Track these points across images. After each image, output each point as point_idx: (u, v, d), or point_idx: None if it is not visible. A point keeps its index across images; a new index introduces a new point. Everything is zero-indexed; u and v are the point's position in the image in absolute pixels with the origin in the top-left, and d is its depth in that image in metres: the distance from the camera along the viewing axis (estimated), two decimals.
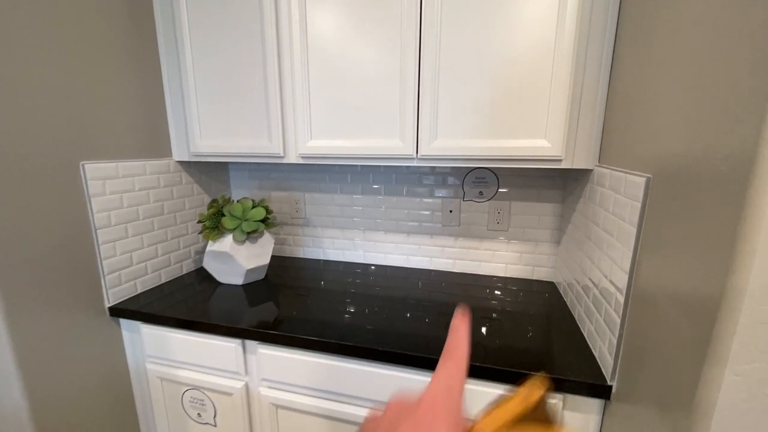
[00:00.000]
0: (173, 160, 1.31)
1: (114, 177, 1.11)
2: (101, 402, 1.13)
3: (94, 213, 1.06)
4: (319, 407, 0.99)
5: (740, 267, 0.44)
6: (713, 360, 0.47)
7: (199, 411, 1.14)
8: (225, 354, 1.05)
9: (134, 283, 1.20)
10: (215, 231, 1.23)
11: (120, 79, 1.12)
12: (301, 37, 1.08)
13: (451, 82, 1.00)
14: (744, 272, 0.44)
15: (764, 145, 0.41)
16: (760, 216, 0.42)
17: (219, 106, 1.20)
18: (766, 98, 0.41)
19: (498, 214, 1.32)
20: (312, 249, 1.57)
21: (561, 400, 0.81)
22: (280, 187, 1.55)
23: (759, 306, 0.44)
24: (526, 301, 1.15)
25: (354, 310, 1.09)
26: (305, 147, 1.15)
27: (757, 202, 0.42)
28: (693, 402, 0.50)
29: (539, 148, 0.97)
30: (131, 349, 1.18)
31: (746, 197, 0.43)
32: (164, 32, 1.21)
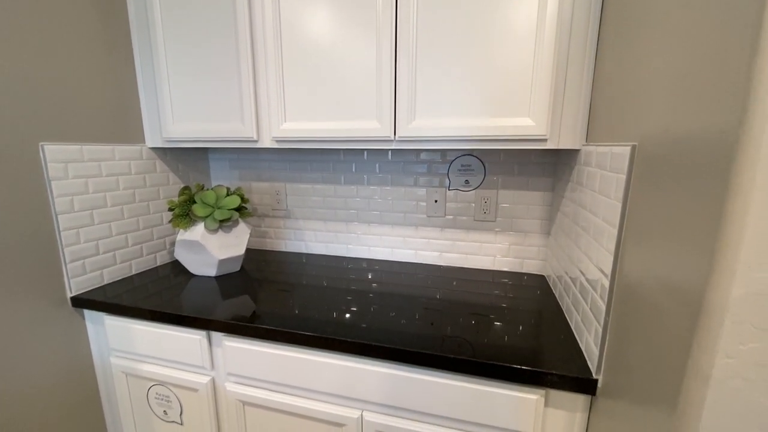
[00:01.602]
0: (146, 147, 1.26)
1: (78, 160, 1.06)
2: (64, 398, 1.07)
3: (55, 197, 1.01)
4: (288, 404, 0.93)
5: (731, 228, 0.37)
6: (702, 341, 0.41)
7: (165, 408, 1.07)
8: (190, 347, 0.99)
9: (100, 273, 1.14)
10: (186, 219, 1.17)
11: (87, 58, 1.07)
12: (273, 14, 1.02)
13: (430, 58, 0.94)
14: (736, 234, 0.37)
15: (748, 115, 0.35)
16: (751, 167, 0.36)
17: (192, 89, 1.15)
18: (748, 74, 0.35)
19: (485, 204, 1.26)
20: (294, 242, 1.51)
21: (543, 396, 0.74)
22: (261, 177, 1.49)
23: (754, 273, 0.37)
24: (513, 294, 1.08)
25: (330, 305, 1.02)
26: (279, 130, 1.09)
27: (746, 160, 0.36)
28: (680, 393, 0.43)
29: (523, 127, 0.91)
30: (96, 342, 1.12)
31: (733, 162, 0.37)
32: (136, 12, 1.16)
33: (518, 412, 0.76)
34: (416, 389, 0.82)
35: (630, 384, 0.57)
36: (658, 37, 0.55)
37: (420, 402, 0.82)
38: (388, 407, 0.86)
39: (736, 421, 0.40)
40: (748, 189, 0.36)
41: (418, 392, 0.82)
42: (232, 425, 1.00)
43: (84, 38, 1.06)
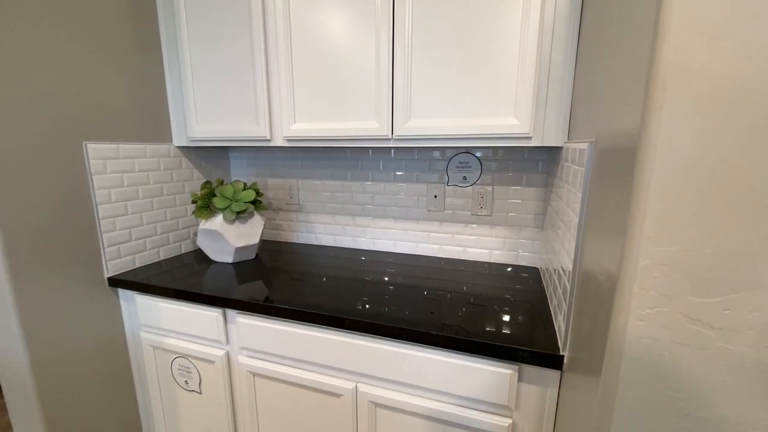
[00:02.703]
0: (173, 145, 1.40)
1: (115, 157, 1.21)
2: (101, 366, 1.22)
3: (96, 190, 1.16)
4: (292, 376, 1.03)
5: (636, 207, 0.44)
6: (619, 307, 0.48)
7: (186, 378, 1.20)
8: (208, 323, 1.11)
9: (133, 257, 1.29)
10: (206, 210, 1.30)
11: (123, 65, 1.22)
12: (284, 21, 1.13)
13: (424, 62, 1.02)
14: (640, 213, 0.44)
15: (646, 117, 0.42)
16: (654, 151, 0.43)
17: (212, 93, 1.28)
18: (647, 83, 0.42)
19: (481, 199, 1.32)
20: (305, 234, 1.62)
21: (516, 371, 0.81)
22: (276, 174, 1.62)
23: (656, 247, 0.44)
24: (505, 285, 1.14)
25: (334, 290, 1.12)
26: (289, 130, 1.20)
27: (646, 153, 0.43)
28: (604, 356, 0.50)
29: (508, 125, 0.98)
30: (128, 318, 1.27)
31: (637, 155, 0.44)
32: (165, 21, 1.30)
33: (495, 385, 0.83)
34: (405, 363, 0.90)
35: (582, 356, 0.63)
36: (604, 44, 0.62)
37: (408, 375, 0.91)
38: (380, 379, 0.95)
39: (647, 372, 0.47)
40: (649, 176, 0.43)
41: (407, 366, 0.90)
42: (243, 394, 1.12)
43: (121, 50, 1.20)
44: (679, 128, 0.41)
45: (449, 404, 0.89)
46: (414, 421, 0.93)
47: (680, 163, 0.41)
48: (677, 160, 0.41)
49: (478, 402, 0.86)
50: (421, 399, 0.91)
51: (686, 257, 0.43)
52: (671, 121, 0.41)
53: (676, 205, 0.42)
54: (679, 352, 0.45)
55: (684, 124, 0.41)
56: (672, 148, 0.41)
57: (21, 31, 0.96)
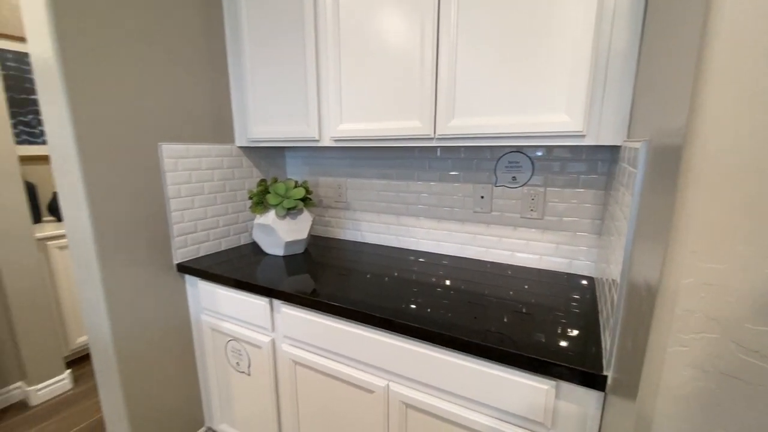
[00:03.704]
0: (235, 146, 1.53)
1: (185, 157, 1.35)
2: (169, 343, 1.37)
3: (168, 185, 1.30)
4: (330, 368, 1.07)
5: (680, 215, 0.39)
6: (658, 329, 0.42)
7: (237, 360, 1.31)
8: (257, 310, 1.20)
9: (197, 247, 1.43)
10: (261, 206, 1.40)
11: (197, 75, 1.35)
12: (333, 20, 1.17)
13: (469, 56, 0.99)
14: (683, 223, 0.38)
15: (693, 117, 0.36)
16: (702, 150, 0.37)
17: (269, 97, 1.37)
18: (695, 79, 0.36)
19: (532, 201, 1.25)
20: (351, 231, 1.66)
21: (554, 387, 0.75)
22: (327, 173, 1.68)
23: (702, 264, 0.38)
24: (555, 294, 1.06)
25: (374, 288, 1.14)
26: (336, 131, 1.24)
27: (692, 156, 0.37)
28: (639, 382, 0.45)
29: (558, 123, 0.91)
30: (192, 302, 1.41)
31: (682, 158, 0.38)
32: (231, 34, 1.42)
33: (529, 400, 0.78)
34: (438, 368, 0.89)
35: (622, 379, 0.57)
36: (663, 28, 0.54)
37: (441, 380, 0.89)
38: (412, 381, 0.94)
39: (689, 406, 0.41)
40: (695, 179, 0.37)
41: (440, 371, 0.88)
42: (285, 380, 1.19)
43: (195, 61, 1.33)
44: (732, 125, 0.35)
45: (482, 414, 0.86)
46: (446, 427, 0.91)
47: (735, 166, 0.35)
48: (731, 163, 0.35)
49: (511, 415, 0.82)
50: (453, 405, 0.89)
51: (740, 277, 0.37)
52: (723, 117, 0.35)
53: (727, 216, 0.36)
54: (731, 386, 0.39)
55: (739, 121, 0.35)
56: (724, 148, 0.35)
57: (119, 52, 1.11)
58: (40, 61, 1.06)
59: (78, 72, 1.05)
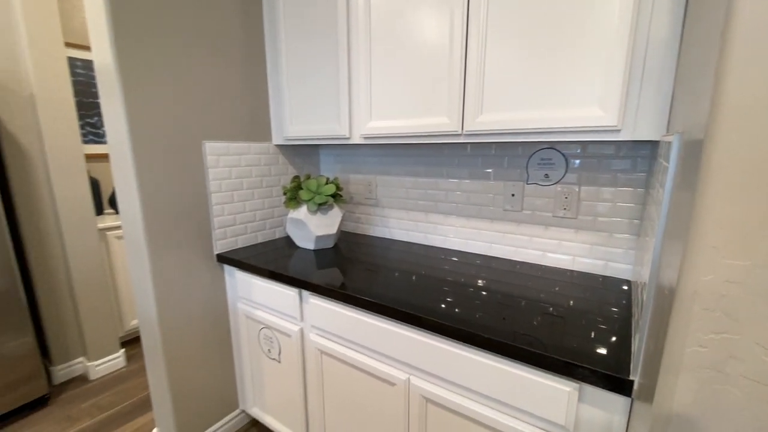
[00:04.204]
0: (272, 144, 1.60)
1: (225, 154, 1.44)
2: (208, 327, 1.47)
3: (210, 180, 1.39)
4: (353, 359, 1.10)
5: (700, 209, 0.37)
6: (676, 328, 0.40)
7: (269, 347, 1.38)
8: (287, 300, 1.25)
9: (236, 239, 1.52)
10: (294, 201, 1.46)
11: (238, 78, 1.43)
12: (365, 16, 1.20)
13: (497, 49, 0.98)
14: (704, 217, 0.36)
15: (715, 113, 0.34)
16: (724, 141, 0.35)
17: (303, 97, 1.42)
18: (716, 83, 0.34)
19: (565, 200, 1.20)
20: (380, 228, 1.69)
21: (576, 390, 0.73)
22: (358, 170, 1.71)
23: (723, 260, 0.36)
24: (588, 297, 1.02)
25: (399, 282, 1.16)
26: (365, 128, 1.27)
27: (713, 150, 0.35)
28: (656, 385, 0.43)
29: (591, 117, 0.87)
30: (230, 290, 1.50)
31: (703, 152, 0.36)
32: (269, 35, 1.49)
33: (550, 402, 0.76)
34: (459, 364, 0.88)
35: (644, 383, 0.54)
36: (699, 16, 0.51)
37: (461, 376, 0.89)
38: (433, 376, 0.95)
39: (707, 410, 0.39)
40: (717, 171, 0.35)
41: (460, 367, 0.88)
42: (312, 368, 1.23)
43: (236, 65, 1.42)
44: (756, 120, 0.33)
45: (501, 413, 0.85)
46: (465, 424, 0.91)
47: (759, 160, 0.33)
48: (755, 157, 0.33)
49: (532, 416, 0.80)
50: (473, 402, 0.89)
51: (765, 275, 0.34)
52: (745, 111, 0.33)
53: (751, 211, 0.34)
54: (753, 391, 0.36)
55: (763, 115, 0.33)
56: (748, 142, 0.33)
57: (169, 57, 1.21)
58: (102, 67, 1.18)
59: (133, 77, 1.15)
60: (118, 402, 1.80)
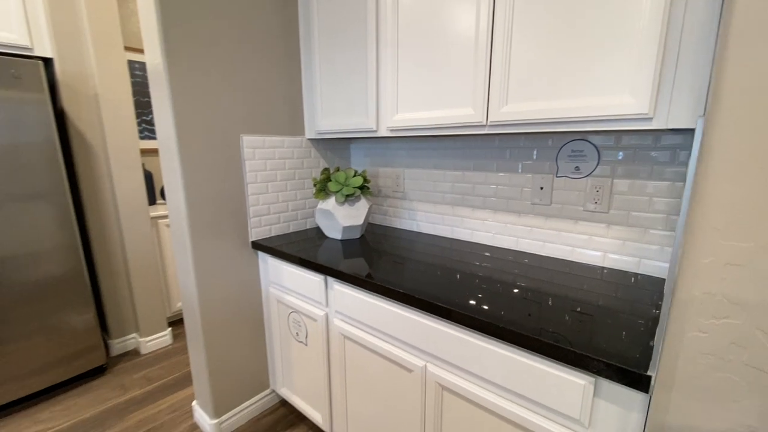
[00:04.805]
0: (305, 138, 1.67)
1: (261, 147, 1.52)
2: (242, 310, 1.56)
3: (247, 172, 1.48)
4: (374, 344, 1.13)
5: (701, 188, 0.36)
6: (676, 313, 0.39)
7: (297, 330, 1.45)
8: (313, 286, 1.31)
9: (269, 227, 1.60)
10: (323, 192, 1.51)
11: (274, 75, 1.51)
12: (392, 9, 1.22)
13: (524, 37, 0.96)
14: (704, 196, 0.35)
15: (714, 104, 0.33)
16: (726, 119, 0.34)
17: (334, 91, 1.47)
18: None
19: (596, 193, 1.16)
20: (407, 221, 1.70)
21: (592, 384, 0.71)
22: (387, 163, 1.74)
23: (724, 242, 0.35)
24: (619, 294, 0.97)
25: (422, 273, 1.17)
26: (392, 120, 1.29)
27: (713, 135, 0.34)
28: (657, 373, 0.42)
29: (621, 105, 0.84)
30: (263, 275, 1.59)
31: None
32: (304, 32, 1.55)
33: (565, 395, 0.75)
34: (475, 354, 0.89)
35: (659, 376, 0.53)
36: None
37: (476, 366, 0.89)
38: (449, 364, 0.96)
39: (708, 397, 0.37)
40: (718, 149, 0.34)
41: (477, 357, 0.89)
42: (336, 352, 1.28)
43: (274, 63, 1.49)
44: (757, 99, 0.31)
45: (515, 404, 0.84)
46: (479, 413, 0.91)
47: (762, 139, 0.32)
48: (757, 136, 0.32)
49: (546, 409, 0.79)
50: (488, 392, 0.89)
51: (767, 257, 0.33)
52: (748, 89, 0.32)
53: (753, 191, 0.32)
54: (756, 379, 0.34)
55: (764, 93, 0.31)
56: (750, 120, 0.32)
57: (211, 57, 1.31)
58: (152, 67, 1.29)
59: (179, 76, 1.25)
60: (164, 375, 1.97)
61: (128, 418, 1.66)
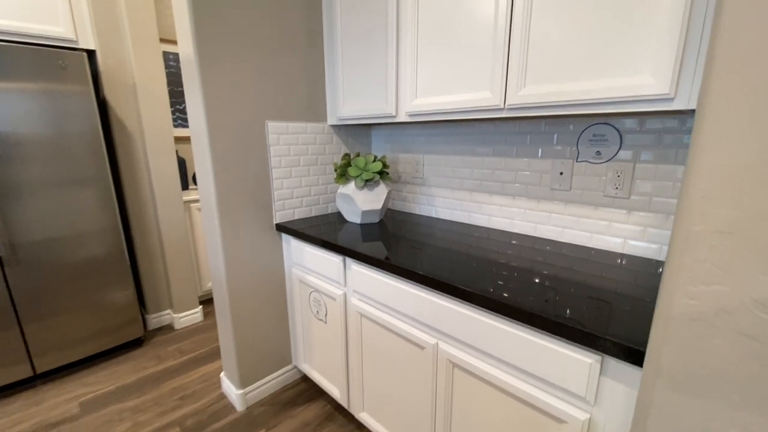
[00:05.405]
0: (327, 124, 1.71)
1: (285, 133, 1.58)
2: (267, 289, 1.65)
3: (271, 157, 1.55)
4: (389, 322, 1.17)
5: (693, 156, 0.36)
6: (667, 281, 0.40)
7: (317, 309, 1.51)
8: (333, 267, 1.36)
9: (293, 211, 1.67)
10: (343, 177, 1.55)
11: (298, 62, 1.56)
12: (412, 18, 1.23)
13: (543, 17, 0.95)
14: (696, 164, 0.36)
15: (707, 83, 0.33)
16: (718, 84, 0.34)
17: (355, 78, 1.50)
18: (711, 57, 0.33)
19: (618, 178, 1.14)
20: (426, 207, 1.72)
21: (598, 362, 0.72)
22: (407, 149, 1.76)
23: (715, 209, 0.35)
24: (638, 282, 0.96)
25: (435, 255, 1.20)
26: (411, 105, 1.31)
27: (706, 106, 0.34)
28: (648, 343, 0.43)
29: (640, 86, 0.82)
30: (286, 256, 1.66)
31: None
32: (327, 17, 1.58)
33: (572, 372, 0.76)
34: (485, 332, 0.91)
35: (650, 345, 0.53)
36: None
37: (486, 344, 0.92)
38: (460, 342, 0.99)
39: (695, 363, 0.38)
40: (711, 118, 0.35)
41: (487, 335, 0.91)
42: (353, 329, 1.34)
43: (298, 51, 1.54)
44: (752, 66, 0.32)
45: (523, 381, 0.86)
46: (488, 390, 0.94)
47: (752, 109, 0.32)
48: (749, 103, 0.32)
49: (553, 386, 0.81)
50: (497, 370, 0.91)
51: (759, 226, 0.33)
52: (741, 58, 0.32)
53: (745, 158, 0.33)
54: (743, 346, 0.35)
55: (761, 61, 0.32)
56: (742, 88, 0.32)
57: (239, 46, 1.37)
58: (185, 57, 1.37)
59: (209, 65, 1.32)
60: (195, 349, 2.11)
61: (164, 386, 1.80)
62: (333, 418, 1.58)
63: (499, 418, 0.93)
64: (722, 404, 0.37)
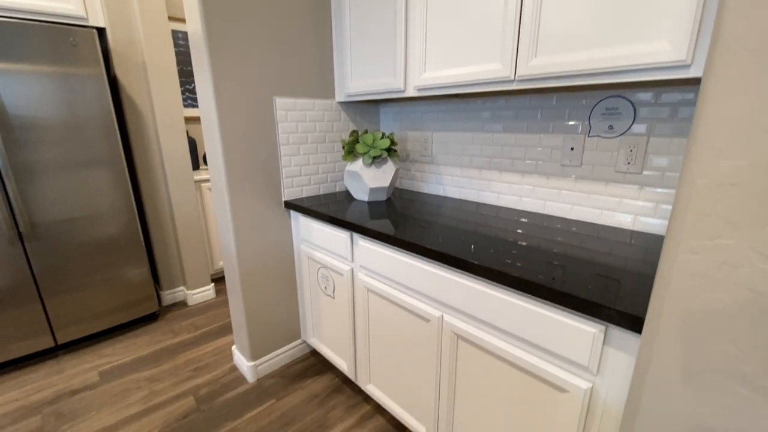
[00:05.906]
0: (335, 101, 1.70)
1: (293, 109, 1.57)
2: (276, 265, 1.67)
3: (279, 134, 1.55)
4: (395, 296, 1.19)
5: (702, 105, 0.35)
6: (670, 236, 0.39)
7: (325, 285, 1.53)
8: (340, 242, 1.38)
9: (301, 188, 1.68)
10: (351, 155, 1.55)
11: (305, 38, 1.54)
12: None
13: None
14: (704, 115, 0.35)
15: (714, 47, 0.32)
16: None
17: (363, 53, 1.48)
18: None
19: (630, 153, 1.11)
20: (434, 185, 1.71)
21: (602, 332, 0.72)
22: (415, 127, 1.74)
23: (721, 161, 0.34)
24: (646, 260, 0.94)
25: (441, 231, 1.20)
26: (419, 79, 1.29)
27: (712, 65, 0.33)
28: (650, 301, 0.43)
29: (654, 53, 0.79)
30: (295, 233, 1.68)
31: None
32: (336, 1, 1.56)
33: (575, 342, 0.76)
34: (489, 304, 0.92)
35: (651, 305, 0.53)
36: None
37: (490, 315, 0.92)
38: (464, 314, 0.99)
39: (697, 319, 0.38)
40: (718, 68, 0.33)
41: (490, 307, 0.92)
42: (360, 304, 1.36)
43: (305, 26, 1.52)
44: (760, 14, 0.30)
45: (527, 352, 0.87)
46: (492, 361, 0.95)
47: (759, 56, 0.31)
48: (755, 56, 0.31)
49: (557, 357, 0.81)
50: (501, 341, 0.92)
51: (764, 176, 0.32)
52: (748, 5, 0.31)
53: (751, 107, 0.32)
54: (746, 299, 0.35)
55: None
56: (749, 38, 0.31)
57: (247, 21, 1.35)
58: (193, 35, 1.36)
59: (217, 41, 1.31)
60: (208, 324, 2.17)
61: (178, 358, 1.86)
62: (341, 390, 1.63)
63: (502, 388, 0.95)
64: (722, 359, 0.36)
